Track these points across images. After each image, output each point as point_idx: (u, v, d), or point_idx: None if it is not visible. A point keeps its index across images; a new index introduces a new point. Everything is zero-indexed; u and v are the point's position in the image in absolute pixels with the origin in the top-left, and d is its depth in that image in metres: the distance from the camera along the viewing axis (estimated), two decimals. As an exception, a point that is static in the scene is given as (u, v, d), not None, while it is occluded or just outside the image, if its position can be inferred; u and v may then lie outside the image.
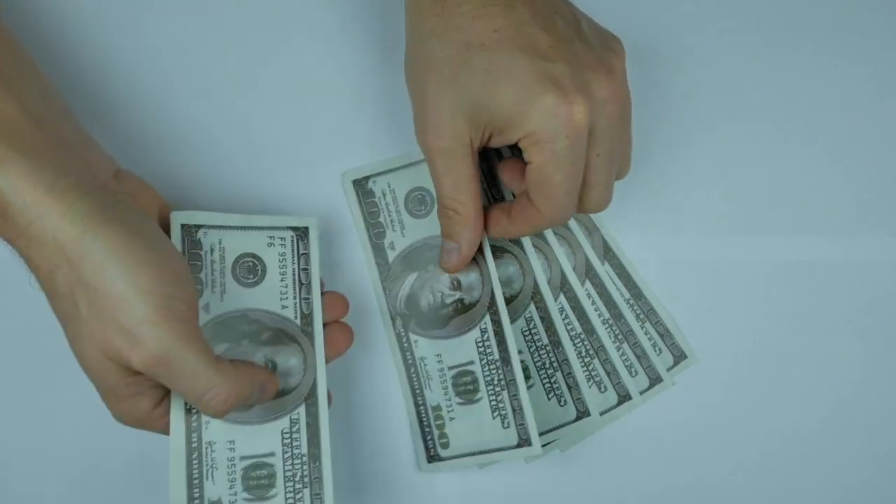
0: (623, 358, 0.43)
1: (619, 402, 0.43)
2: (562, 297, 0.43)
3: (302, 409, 0.37)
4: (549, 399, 0.42)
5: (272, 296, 0.38)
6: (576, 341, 0.43)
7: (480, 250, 0.41)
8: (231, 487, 0.35)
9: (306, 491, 0.36)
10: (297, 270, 0.39)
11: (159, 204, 0.37)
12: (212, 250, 0.38)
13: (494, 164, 0.43)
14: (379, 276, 0.42)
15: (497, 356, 0.40)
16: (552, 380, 0.42)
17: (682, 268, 0.45)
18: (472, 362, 0.41)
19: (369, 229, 0.43)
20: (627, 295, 0.44)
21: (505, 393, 0.40)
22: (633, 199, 0.45)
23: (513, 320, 0.42)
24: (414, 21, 0.36)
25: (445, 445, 0.41)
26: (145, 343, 0.31)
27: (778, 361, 0.44)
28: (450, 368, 0.41)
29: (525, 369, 0.41)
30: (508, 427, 0.40)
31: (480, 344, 0.41)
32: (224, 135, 0.43)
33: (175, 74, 0.43)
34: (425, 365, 0.41)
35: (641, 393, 0.43)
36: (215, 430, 0.36)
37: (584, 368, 0.43)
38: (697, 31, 0.46)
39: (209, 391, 0.32)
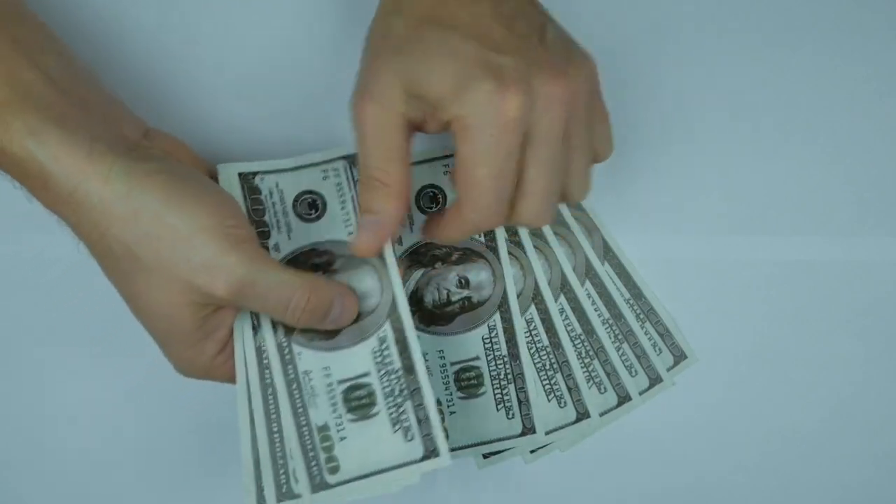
0: (623, 358, 0.43)
1: (619, 403, 0.43)
2: (562, 298, 0.43)
3: (387, 326, 0.37)
4: (549, 400, 0.42)
5: (336, 225, 0.39)
6: (576, 342, 0.43)
7: (495, 250, 0.41)
8: (334, 411, 0.36)
9: (408, 403, 0.36)
10: (355, 196, 0.40)
11: (192, 158, 0.38)
12: (271, 193, 0.39)
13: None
14: None
15: (505, 352, 0.41)
16: (552, 381, 0.42)
17: (682, 268, 0.45)
18: (477, 358, 0.41)
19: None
20: (627, 295, 0.44)
21: (511, 386, 0.40)
22: (633, 199, 0.45)
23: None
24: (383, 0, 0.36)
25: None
26: (227, 270, 0.32)
27: (778, 361, 0.44)
28: (452, 364, 0.41)
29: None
30: (513, 418, 0.40)
31: (488, 340, 0.41)
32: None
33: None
34: (426, 360, 0.41)
35: (641, 393, 0.43)
36: (309, 360, 0.37)
37: (584, 369, 0.43)
38: (697, 31, 0.46)
39: (293, 297, 0.34)
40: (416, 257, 0.42)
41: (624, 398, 0.43)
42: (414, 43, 0.33)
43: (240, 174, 0.39)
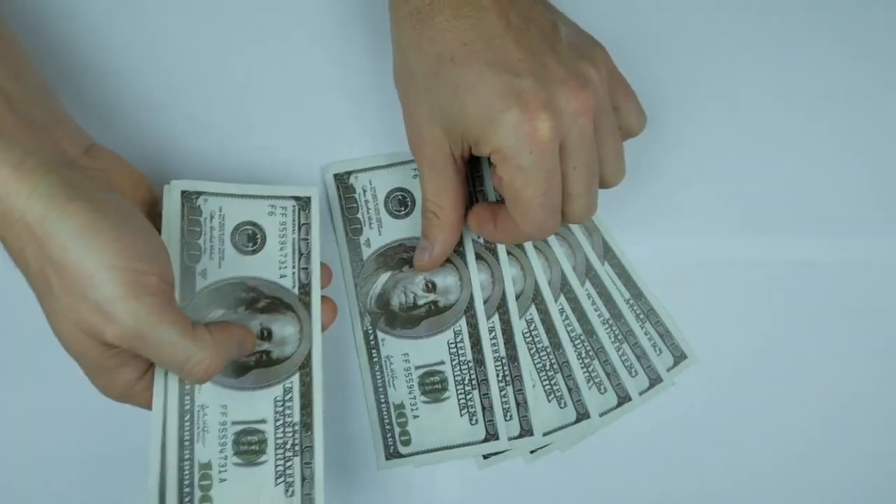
0: (623, 358, 0.43)
1: (619, 404, 0.43)
2: (562, 298, 0.43)
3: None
4: (549, 401, 0.42)
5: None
6: (576, 343, 0.43)
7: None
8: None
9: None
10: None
11: (134, 177, 0.37)
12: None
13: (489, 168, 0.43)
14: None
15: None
16: (552, 382, 0.42)
17: (682, 268, 0.45)
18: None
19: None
20: (627, 295, 0.44)
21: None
22: (633, 199, 0.45)
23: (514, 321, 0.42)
24: (394, 32, 0.37)
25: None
26: (117, 319, 0.31)
27: (778, 361, 0.44)
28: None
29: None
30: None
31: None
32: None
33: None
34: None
35: (641, 393, 0.43)
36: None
37: (584, 370, 0.43)
38: (697, 31, 0.46)
39: (189, 360, 0.32)
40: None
41: (624, 398, 0.43)
42: (437, 83, 0.35)
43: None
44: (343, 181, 0.43)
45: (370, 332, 0.42)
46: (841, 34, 0.47)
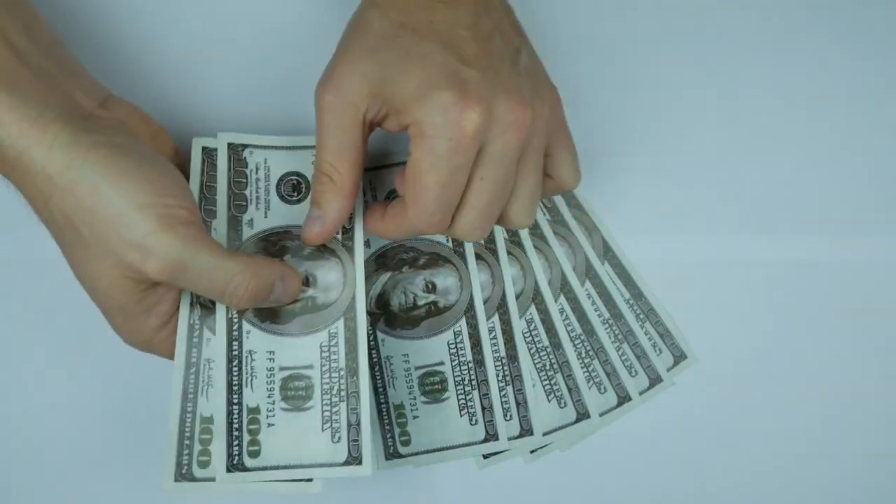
0: (623, 358, 0.43)
1: (619, 403, 0.43)
2: (562, 298, 0.43)
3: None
4: (549, 401, 0.42)
5: None
6: (576, 342, 0.43)
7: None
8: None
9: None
10: None
11: (152, 129, 0.37)
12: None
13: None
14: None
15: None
16: (552, 381, 0.42)
17: (682, 268, 0.45)
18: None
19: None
20: (627, 295, 0.44)
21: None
22: (633, 199, 0.45)
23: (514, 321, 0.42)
24: None
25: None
26: (157, 252, 0.32)
27: (778, 361, 0.44)
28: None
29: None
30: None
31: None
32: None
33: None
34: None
35: (641, 393, 0.43)
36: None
37: (584, 370, 0.43)
38: (697, 31, 0.46)
39: (230, 282, 0.34)
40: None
41: (624, 398, 0.43)
42: (388, 45, 0.34)
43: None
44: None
45: (370, 332, 0.42)
46: (841, 34, 0.46)
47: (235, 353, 0.36)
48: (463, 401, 0.41)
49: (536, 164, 0.35)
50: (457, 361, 0.41)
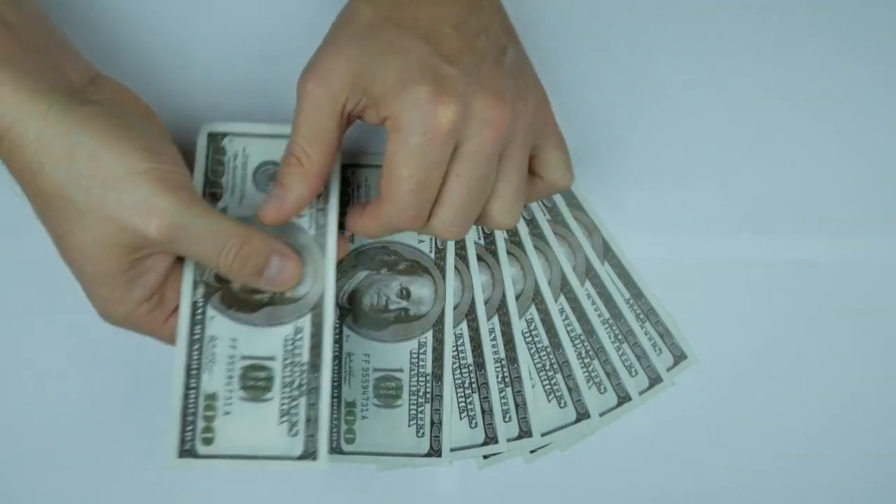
0: (623, 358, 0.43)
1: (619, 403, 0.43)
2: (562, 298, 0.43)
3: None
4: (549, 401, 0.42)
5: None
6: (576, 342, 0.43)
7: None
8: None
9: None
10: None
11: (139, 107, 0.37)
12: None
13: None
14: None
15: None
16: (552, 381, 0.42)
17: (682, 268, 0.45)
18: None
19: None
20: (627, 295, 0.44)
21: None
22: (633, 198, 0.45)
23: (514, 322, 0.42)
24: None
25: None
26: (160, 212, 0.32)
27: (778, 361, 0.44)
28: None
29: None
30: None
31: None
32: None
33: None
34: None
35: (641, 393, 0.43)
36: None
37: (584, 370, 0.43)
38: (698, 31, 0.46)
39: (227, 243, 0.34)
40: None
41: (624, 398, 0.43)
42: (373, 37, 0.34)
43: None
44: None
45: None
46: (842, 33, 0.46)
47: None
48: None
49: (519, 163, 0.35)
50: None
